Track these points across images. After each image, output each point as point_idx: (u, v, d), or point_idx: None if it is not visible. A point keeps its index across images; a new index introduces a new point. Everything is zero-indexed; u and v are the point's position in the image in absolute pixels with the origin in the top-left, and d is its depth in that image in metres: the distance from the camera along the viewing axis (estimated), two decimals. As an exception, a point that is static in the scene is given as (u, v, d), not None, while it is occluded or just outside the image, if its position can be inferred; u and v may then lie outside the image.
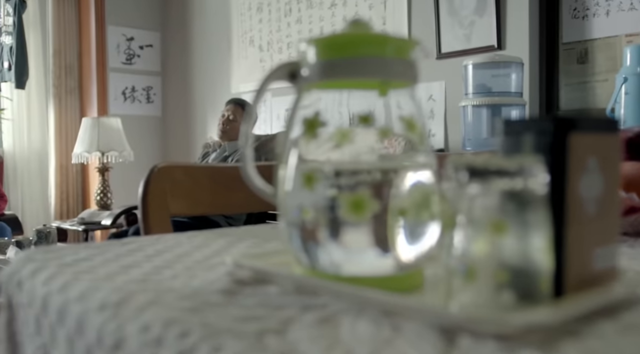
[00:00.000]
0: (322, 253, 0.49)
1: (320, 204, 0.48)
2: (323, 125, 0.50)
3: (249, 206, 1.00)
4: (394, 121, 0.52)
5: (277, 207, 0.53)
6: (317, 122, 0.49)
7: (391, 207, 0.48)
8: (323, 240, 0.49)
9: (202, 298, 0.48)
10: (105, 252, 0.67)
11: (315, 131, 0.49)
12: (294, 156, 0.51)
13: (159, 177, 0.87)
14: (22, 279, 0.61)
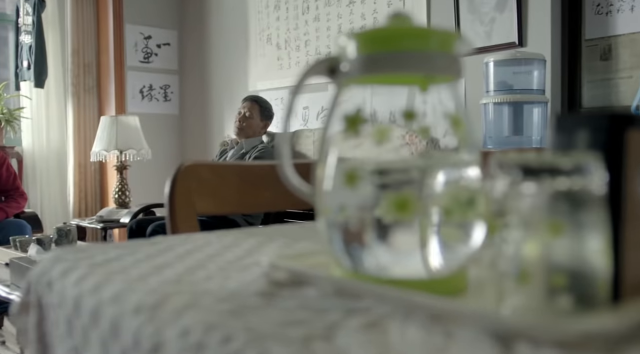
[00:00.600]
0: (364, 255, 0.47)
1: (363, 204, 0.47)
2: (365, 122, 0.48)
3: (276, 205, 0.98)
4: (437, 117, 0.50)
5: (315, 207, 0.51)
6: (358, 118, 0.48)
7: (436, 207, 0.46)
8: (365, 241, 0.47)
9: (240, 301, 0.46)
10: (136, 252, 0.66)
11: (357, 128, 0.47)
12: (334, 154, 0.49)
13: (185, 175, 0.86)
14: (52, 280, 0.60)
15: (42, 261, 0.65)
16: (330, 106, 0.51)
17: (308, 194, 0.53)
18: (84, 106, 4.62)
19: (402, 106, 0.49)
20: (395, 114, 0.48)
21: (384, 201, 0.45)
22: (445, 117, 0.49)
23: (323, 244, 0.51)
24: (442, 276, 0.47)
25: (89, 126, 4.65)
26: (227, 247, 0.68)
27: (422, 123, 0.50)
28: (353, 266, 0.48)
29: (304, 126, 3.78)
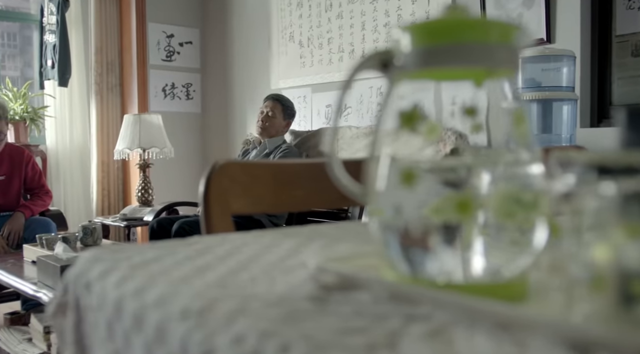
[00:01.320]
0: (422, 257, 0.45)
1: (421, 205, 0.44)
2: (422, 118, 0.45)
3: (309, 204, 0.96)
4: (497, 113, 0.48)
5: (367, 208, 0.49)
6: (415, 115, 0.45)
7: (499, 208, 0.44)
8: (422, 243, 0.44)
9: (291, 306, 0.44)
10: (174, 252, 0.64)
11: (413, 125, 0.45)
12: (387, 152, 0.47)
13: (219, 174, 0.84)
14: (91, 281, 0.58)
15: (79, 261, 0.64)
16: (382, 101, 0.48)
17: (358, 194, 0.50)
18: (107, 105, 4.64)
19: (460, 101, 0.46)
20: (454, 110, 0.46)
21: (443, 202, 0.43)
22: (505, 113, 0.47)
23: (374, 245, 0.49)
24: (503, 281, 0.45)
25: (112, 124, 4.67)
26: (266, 248, 0.66)
27: (479, 119, 0.48)
28: (409, 269, 0.45)
29: (327, 124, 3.76)
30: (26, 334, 2.44)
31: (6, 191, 3.18)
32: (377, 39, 3.45)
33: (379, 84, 3.46)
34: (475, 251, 0.44)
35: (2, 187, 3.17)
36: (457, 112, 0.46)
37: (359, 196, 0.50)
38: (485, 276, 0.44)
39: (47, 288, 2.00)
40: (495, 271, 0.45)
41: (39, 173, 3.40)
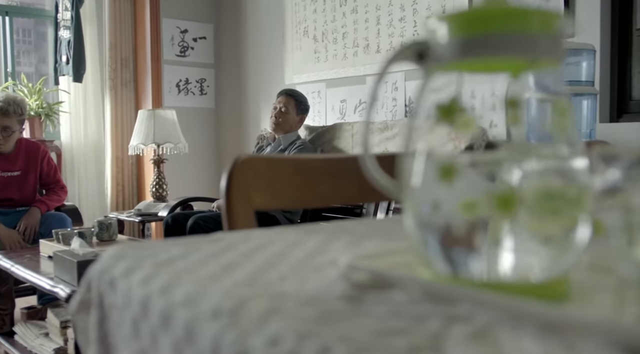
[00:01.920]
0: (460, 255, 0.43)
1: (460, 201, 0.43)
2: (461, 111, 0.44)
3: (331, 200, 0.95)
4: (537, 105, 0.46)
5: (401, 204, 0.47)
6: (454, 108, 0.43)
7: (540, 205, 0.42)
8: (462, 241, 0.43)
9: (325, 306, 0.42)
10: (198, 249, 0.63)
11: (452, 118, 0.43)
12: (424, 146, 0.45)
13: (242, 169, 0.83)
14: (115, 278, 0.57)
15: (102, 258, 0.62)
16: (417, 94, 0.47)
17: (392, 190, 0.49)
18: (121, 100, 4.65)
19: (499, 93, 0.45)
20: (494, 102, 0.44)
21: (483, 198, 0.41)
22: (547, 106, 0.45)
23: (405, 242, 0.48)
24: (545, 281, 0.43)
25: (126, 119, 4.68)
26: (292, 246, 0.65)
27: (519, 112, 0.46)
28: (447, 268, 0.44)
29: (342, 119, 3.74)
30: (43, 329, 2.45)
31: (22, 186, 3.19)
32: (393, 34, 3.43)
33: (394, 79, 3.44)
34: (516, 249, 0.43)
35: (18, 183, 3.18)
36: (496, 105, 0.44)
37: (392, 191, 0.49)
38: (527, 275, 0.43)
39: (64, 283, 2.00)
40: (537, 270, 0.43)
41: (54, 168, 3.41)
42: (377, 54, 3.52)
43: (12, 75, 4.80)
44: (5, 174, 3.14)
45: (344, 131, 3.30)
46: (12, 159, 3.17)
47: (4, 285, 2.61)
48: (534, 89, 0.47)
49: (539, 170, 0.45)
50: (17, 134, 3.19)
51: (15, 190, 3.17)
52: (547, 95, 0.45)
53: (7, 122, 3.08)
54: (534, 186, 0.43)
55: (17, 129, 3.18)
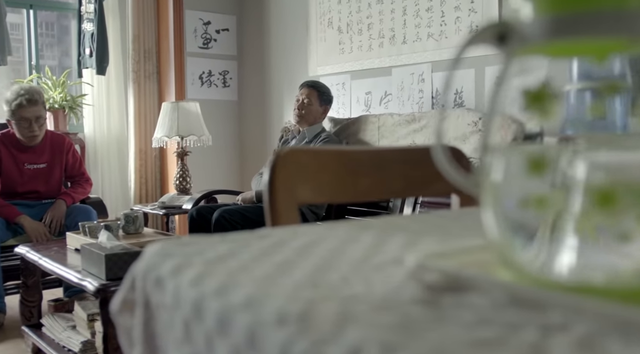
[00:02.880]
0: (551, 256, 0.39)
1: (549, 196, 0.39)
2: (552, 98, 0.40)
3: (375, 194, 0.91)
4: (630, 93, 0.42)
5: (480, 199, 0.43)
6: (544, 94, 0.39)
7: None
8: (554, 240, 0.39)
9: (401, 311, 0.39)
10: (247, 246, 0.60)
11: (542, 105, 0.39)
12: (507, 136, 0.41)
13: (285, 162, 0.79)
14: (163, 277, 0.54)
15: (146, 255, 0.59)
16: (498, 80, 0.42)
17: (467, 184, 0.45)
18: (144, 93, 4.64)
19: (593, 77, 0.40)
20: (596, 88, 0.40)
21: (583, 194, 0.37)
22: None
23: (474, 240, 0.44)
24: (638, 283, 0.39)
25: (150, 112, 4.67)
26: (345, 243, 0.61)
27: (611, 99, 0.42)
28: (535, 268, 0.40)
29: (367, 111, 3.69)
30: (70, 322, 2.45)
31: (48, 178, 3.19)
32: (419, 24, 3.37)
33: (420, 71, 3.38)
34: (614, 248, 0.39)
35: (43, 175, 3.18)
36: (595, 91, 0.40)
37: (467, 186, 0.45)
38: (627, 277, 0.39)
39: (92, 277, 1.99)
40: (634, 273, 0.39)
41: (79, 161, 3.41)
42: (404, 45, 3.47)
43: (37, 68, 4.82)
44: (31, 167, 3.14)
45: (370, 123, 3.25)
46: (38, 152, 3.17)
47: (31, 277, 2.61)
48: (626, 72, 0.42)
49: (633, 164, 0.40)
50: (46, 123, 3.19)
51: (41, 182, 3.17)
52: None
53: (38, 111, 3.08)
54: (629, 181, 0.39)
55: (46, 117, 3.18)
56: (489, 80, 3.03)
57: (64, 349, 2.33)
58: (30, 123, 3.02)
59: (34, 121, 3.04)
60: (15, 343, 2.66)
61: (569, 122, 1.43)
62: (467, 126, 2.73)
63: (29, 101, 3.02)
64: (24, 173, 3.12)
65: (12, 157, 3.10)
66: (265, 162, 4.44)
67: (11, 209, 2.97)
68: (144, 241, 2.32)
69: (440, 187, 0.96)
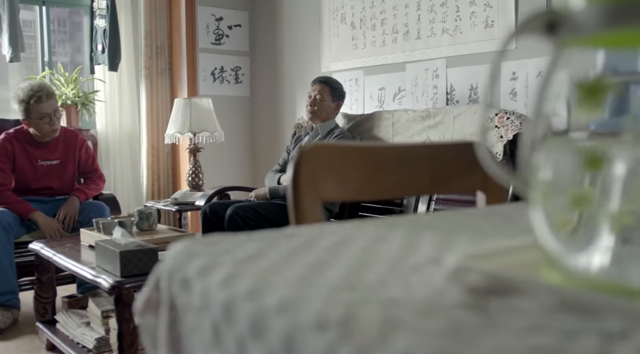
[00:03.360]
0: (608, 257, 0.37)
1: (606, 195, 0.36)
2: (608, 90, 0.37)
3: (399, 191, 0.89)
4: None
5: (528, 197, 0.41)
6: (599, 87, 0.37)
7: None
8: (610, 239, 0.37)
9: (448, 316, 0.37)
10: (275, 245, 0.58)
11: (598, 98, 0.37)
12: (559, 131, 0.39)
13: (309, 158, 0.77)
14: (190, 278, 0.52)
15: (171, 255, 0.58)
16: (547, 72, 0.40)
17: (514, 181, 0.42)
18: (156, 89, 4.64)
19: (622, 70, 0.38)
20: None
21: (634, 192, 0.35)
22: None
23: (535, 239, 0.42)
24: None
25: (162, 108, 4.66)
26: (375, 242, 0.59)
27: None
28: (590, 270, 0.37)
29: (380, 107, 3.66)
30: (84, 318, 2.44)
31: (61, 175, 3.19)
32: (434, 19, 3.34)
33: (434, 66, 3.35)
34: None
35: (57, 172, 3.18)
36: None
37: (514, 183, 0.43)
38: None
39: (106, 273, 1.98)
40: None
41: (92, 157, 3.41)
42: (418, 41, 3.43)
43: (49, 65, 4.82)
44: (44, 163, 3.14)
45: (384, 119, 3.23)
46: (52, 148, 3.17)
47: (45, 274, 2.61)
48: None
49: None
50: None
51: (55, 179, 3.17)
52: None
53: (55, 104, 3.11)
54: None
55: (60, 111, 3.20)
56: (505, 76, 3.00)
57: (78, 345, 2.33)
58: (50, 117, 3.04)
59: (53, 115, 3.05)
60: (29, 339, 2.66)
61: (612, 117, 1.38)
62: (483, 122, 2.69)
63: (47, 95, 3.03)
64: (38, 169, 3.12)
65: (25, 154, 3.10)
66: (277, 158, 4.43)
67: (25, 205, 2.98)
68: (158, 238, 2.31)
69: (465, 184, 0.93)
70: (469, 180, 0.93)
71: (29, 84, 3.11)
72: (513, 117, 2.58)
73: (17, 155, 3.08)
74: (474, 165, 0.95)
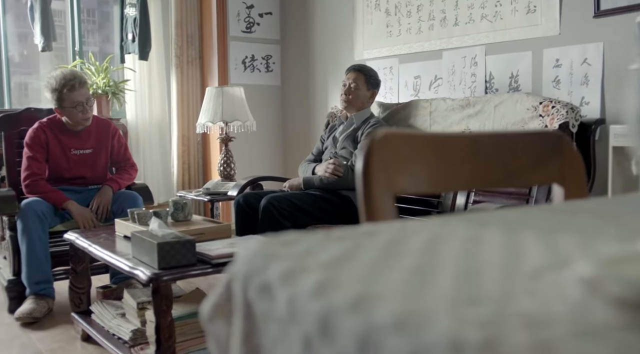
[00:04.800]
0: None
1: None
2: None
3: (472, 183, 0.82)
4: None
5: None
6: None
7: None
8: None
9: (610, 340, 0.30)
10: (359, 246, 0.52)
11: None
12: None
13: (381, 147, 0.71)
14: (271, 284, 0.46)
15: (245, 256, 0.52)
16: None
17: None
18: (187, 78, 4.60)
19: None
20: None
21: None
22: None
23: None
24: None
25: (192, 97, 4.63)
26: (471, 243, 0.53)
27: None
28: None
29: (415, 96, 3.58)
30: (119, 309, 2.42)
31: (93, 164, 3.17)
32: (472, 5, 3.23)
33: (473, 53, 3.26)
34: None
35: (89, 161, 3.15)
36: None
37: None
38: None
39: (143, 265, 1.94)
40: None
41: (124, 146, 3.38)
42: (455, 27, 3.34)
43: (80, 54, 4.81)
44: (77, 152, 3.12)
45: (421, 108, 3.14)
46: (84, 137, 3.15)
47: (80, 264, 2.59)
48: None
49: None
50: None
51: (87, 168, 3.15)
52: None
53: (88, 92, 3.09)
54: None
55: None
56: (548, 63, 2.89)
57: (113, 337, 2.31)
58: (83, 106, 3.02)
59: (86, 103, 3.04)
60: (64, 329, 2.65)
61: None
62: (526, 110, 2.60)
63: (80, 83, 3.01)
64: (71, 159, 3.10)
65: (58, 143, 3.08)
66: (308, 148, 4.36)
67: (59, 194, 2.96)
68: (194, 229, 2.27)
69: (541, 176, 0.86)
70: (545, 172, 0.86)
71: (61, 73, 3.08)
72: (559, 105, 2.48)
73: (50, 144, 3.06)
74: (550, 156, 0.88)
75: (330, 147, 3.21)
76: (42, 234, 2.79)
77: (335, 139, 3.22)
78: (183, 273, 1.91)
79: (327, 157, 3.17)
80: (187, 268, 1.92)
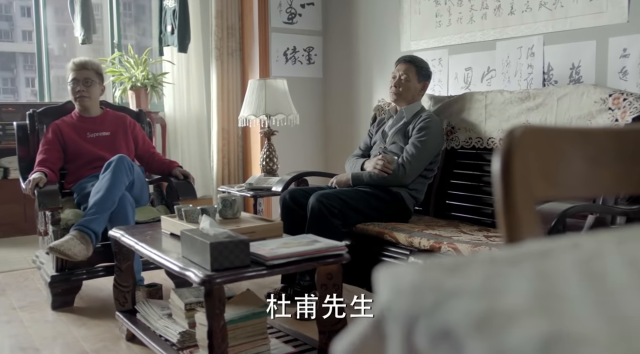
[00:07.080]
0: None
1: None
2: None
3: (619, 187, 0.69)
4: None
5: None
6: None
7: None
8: None
9: None
10: (547, 274, 0.40)
11: None
12: None
13: (522, 145, 0.59)
14: (454, 330, 0.35)
15: (399, 286, 0.40)
16: None
17: None
18: (227, 70, 4.51)
19: None
20: None
21: None
22: None
23: None
24: None
25: (232, 90, 4.54)
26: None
27: None
28: None
29: (466, 88, 3.43)
30: (165, 309, 2.33)
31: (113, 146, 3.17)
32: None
33: (530, 44, 3.09)
34: None
35: (108, 143, 3.19)
36: None
37: None
38: None
39: (195, 266, 1.84)
40: None
41: (147, 136, 3.46)
42: (510, 16, 3.17)
43: (119, 47, 4.76)
44: (94, 135, 3.18)
45: (476, 101, 2.99)
46: (99, 122, 3.22)
47: (125, 261, 2.51)
48: None
49: None
50: (98, 88, 3.22)
51: (107, 150, 3.14)
52: None
53: (87, 74, 3.16)
54: None
55: (97, 81, 3.20)
56: (614, 53, 2.72)
57: (160, 338, 2.22)
58: (78, 83, 3.15)
59: (82, 82, 3.15)
60: (109, 328, 2.58)
61: None
62: (593, 103, 2.44)
63: (84, 65, 3.17)
64: (88, 141, 3.16)
65: (74, 130, 3.16)
66: (351, 142, 4.24)
67: None
68: (245, 228, 2.17)
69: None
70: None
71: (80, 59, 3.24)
72: (631, 98, 2.31)
73: (64, 134, 3.13)
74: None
75: (380, 142, 3.09)
76: (131, 198, 2.88)
77: (384, 133, 3.10)
78: (237, 275, 1.81)
79: (376, 152, 3.05)
80: (240, 270, 1.82)
